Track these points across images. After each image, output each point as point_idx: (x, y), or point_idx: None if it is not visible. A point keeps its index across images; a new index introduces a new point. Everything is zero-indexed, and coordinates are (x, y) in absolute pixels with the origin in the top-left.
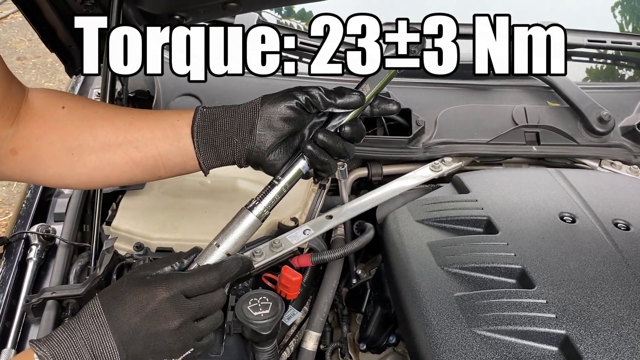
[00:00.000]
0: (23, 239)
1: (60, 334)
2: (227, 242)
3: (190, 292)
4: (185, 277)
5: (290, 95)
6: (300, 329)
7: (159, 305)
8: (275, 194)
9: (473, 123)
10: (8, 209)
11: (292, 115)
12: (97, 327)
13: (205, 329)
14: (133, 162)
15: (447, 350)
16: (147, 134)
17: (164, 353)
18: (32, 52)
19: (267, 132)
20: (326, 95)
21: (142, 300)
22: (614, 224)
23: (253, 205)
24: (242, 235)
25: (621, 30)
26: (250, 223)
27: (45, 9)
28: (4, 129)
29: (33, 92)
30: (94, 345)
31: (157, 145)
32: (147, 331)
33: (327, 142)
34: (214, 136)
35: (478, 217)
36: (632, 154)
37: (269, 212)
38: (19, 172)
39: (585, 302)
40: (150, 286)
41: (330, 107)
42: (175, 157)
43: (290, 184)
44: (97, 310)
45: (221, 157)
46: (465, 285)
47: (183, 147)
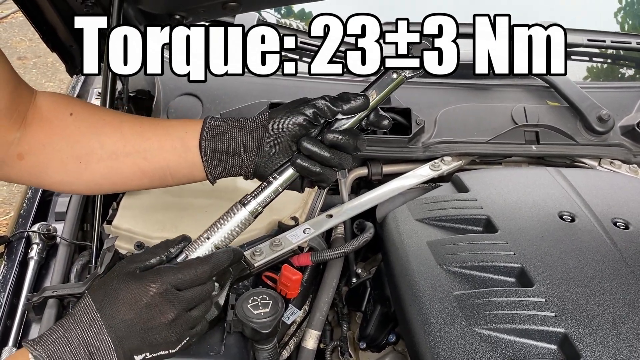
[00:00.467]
0: (24, 238)
1: (54, 333)
2: (217, 235)
3: (182, 285)
4: (177, 271)
5: (297, 112)
6: (300, 328)
7: (152, 300)
8: (270, 191)
9: (473, 122)
10: (9, 208)
11: (300, 132)
12: (91, 324)
13: (198, 317)
14: (141, 171)
15: (446, 349)
16: (155, 144)
17: (161, 346)
18: (32, 51)
19: (274, 149)
20: (332, 104)
21: (135, 296)
22: (613, 223)
23: (247, 201)
24: (233, 230)
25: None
26: (243, 218)
27: (46, 9)
28: (11, 133)
29: (41, 96)
30: (89, 344)
31: (165, 157)
32: (142, 326)
33: (312, 150)
34: (222, 150)
35: (477, 216)
36: (632, 153)
37: (262, 209)
38: (27, 176)
39: (584, 300)
40: (142, 281)
41: (337, 115)
42: (183, 168)
43: (287, 183)
44: (91, 309)
45: (228, 170)
46: (464, 283)
47: (191, 159)
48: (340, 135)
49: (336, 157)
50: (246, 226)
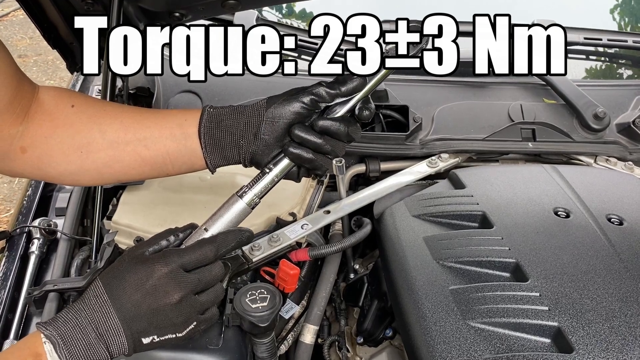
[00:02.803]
0: (25, 233)
1: (65, 314)
2: (215, 226)
3: (188, 265)
4: (182, 251)
5: (294, 99)
6: (298, 323)
7: (158, 280)
8: (266, 182)
9: (470, 120)
10: (9, 205)
11: (297, 119)
12: (100, 306)
13: (207, 302)
14: (142, 159)
15: (441, 342)
16: (156, 132)
17: (168, 328)
18: (33, 49)
19: (270, 136)
20: (330, 88)
21: (142, 277)
22: (608, 219)
23: (243, 192)
24: (231, 221)
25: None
26: (240, 209)
27: (47, 7)
28: (14, 127)
29: (43, 90)
30: (98, 324)
31: (166, 144)
32: (148, 307)
33: (303, 137)
34: (220, 137)
35: (473, 212)
36: (628, 151)
37: (259, 200)
38: (30, 169)
39: (577, 295)
40: (148, 263)
41: (337, 98)
42: (183, 156)
43: (282, 173)
44: (100, 291)
45: (227, 158)
46: (460, 278)
47: (190, 146)
48: (331, 121)
49: (328, 144)
50: (243, 217)
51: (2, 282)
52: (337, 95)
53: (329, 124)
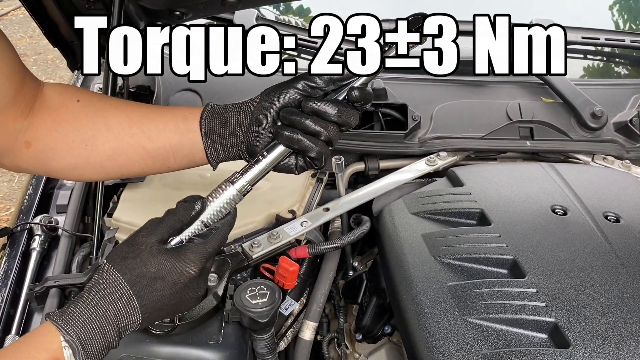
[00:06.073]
0: (26, 230)
1: (83, 312)
2: (205, 213)
3: (210, 257)
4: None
5: (287, 84)
6: (297, 320)
7: (190, 281)
8: (258, 169)
9: (468, 118)
10: (9, 204)
11: (290, 104)
12: (125, 306)
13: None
14: (145, 152)
15: (439, 338)
16: (160, 125)
17: (180, 311)
18: (32, 49)
19: (263, 123)
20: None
21: (176, 280)
22: (605, 216)
23: (235, 178)
24: (222, 207)
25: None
26: (231, 196)
27: (48, 5)
28: (18, 122)
29: (49, 86)
30: (120, 323)
31: (169, 136)
32: (176, 302)
33: (290, 118)
34: (221, 128)
35: (471, 210)
36: (625, 149)
37: (251, 187)
38: (34, 164)
39: (574, 291)
40: (180, 262)
41: (331, 84)
42: (184, 148)
43: (276, 160)
44: (124, 290)
45: (227, 149)
46: (458, 275)
47: (192, 138)
48: (319, 102)
49: (316, 124)
50: (235, 204)
51: (3, 278)
52: (331, 81)
53: (317, 104)
